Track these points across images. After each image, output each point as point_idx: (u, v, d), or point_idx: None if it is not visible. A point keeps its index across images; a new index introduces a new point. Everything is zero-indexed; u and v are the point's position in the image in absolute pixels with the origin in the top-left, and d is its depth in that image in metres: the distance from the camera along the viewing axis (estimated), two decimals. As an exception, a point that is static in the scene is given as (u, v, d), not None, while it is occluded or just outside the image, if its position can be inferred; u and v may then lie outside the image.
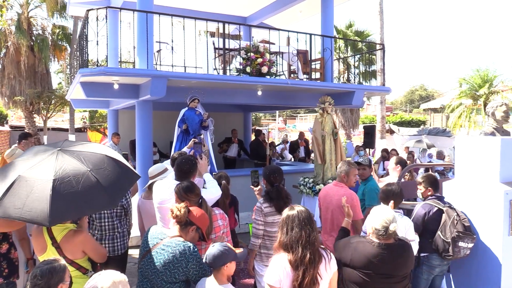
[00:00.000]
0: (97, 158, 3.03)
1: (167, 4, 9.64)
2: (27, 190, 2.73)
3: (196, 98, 6.92)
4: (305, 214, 2.74)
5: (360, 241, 3.06)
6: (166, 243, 2.79)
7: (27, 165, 2.93)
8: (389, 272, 2.94)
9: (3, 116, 25.23)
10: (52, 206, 2.64)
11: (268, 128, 17.15)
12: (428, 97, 50.70)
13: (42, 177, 2.78)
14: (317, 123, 7.30)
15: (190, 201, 3.12)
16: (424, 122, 31.28)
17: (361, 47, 18.17)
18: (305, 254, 2.59)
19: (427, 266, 4.00)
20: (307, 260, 2.58)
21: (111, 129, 11.05)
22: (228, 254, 2.67)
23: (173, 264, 2.71)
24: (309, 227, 2.69)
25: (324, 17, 8.93)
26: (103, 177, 2.89)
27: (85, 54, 6.85)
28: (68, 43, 19.57)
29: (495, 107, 4.36)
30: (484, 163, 4.02)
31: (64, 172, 2.80)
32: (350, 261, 3.00)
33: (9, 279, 3.57)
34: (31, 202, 2.68)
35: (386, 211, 3.04)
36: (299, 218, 2.70)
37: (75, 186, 2.75)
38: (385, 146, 13.78)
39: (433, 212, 3.95)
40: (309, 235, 2.65)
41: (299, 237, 2.64)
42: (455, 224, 3.82)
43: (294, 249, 2.62)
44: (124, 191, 3.27)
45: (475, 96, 20.68)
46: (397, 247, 2.98)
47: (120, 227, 4.07)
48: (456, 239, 3.77)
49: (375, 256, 2.91)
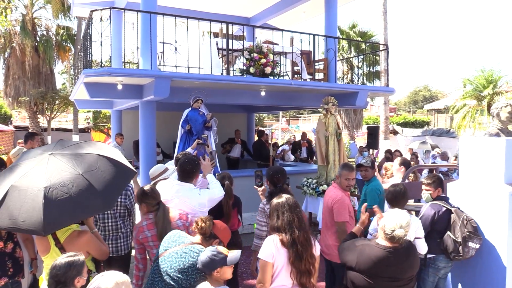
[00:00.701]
0: (89, 159, 2.98)
1: (171, 5, 9.65)
2: (20, 200, 2.71)
3: (199, 99, 6.93)
4: (293, 200, 2.99)
5: (366, 244, 3.04)
6: (189, 247, 2.79)
7: (18, 173, 2.89)
8: (396, 275, 2.93)
9: (8, 116, 25.36)
10: (45, 215, 2.61)
11: (271, 128, 17.11)
12: (432, 98, 50.52)
13: (33, 185, 2.75)
14: (321, 124, 7.29)
15: (147, 205, 3.30)
16: (428, 123, 31.19)
17: (365, 48, 18.14)
18: (299, 235, 2.81)
19: (433, 268, 3.98)
20: (302, 239, 2.81)
21: (114, 129, 11.07)
22: (217, 260, 2.62)
23: (191, 269, 2.71)
24: (299, 210, 2.94)
25: (328, 18, 8.91)
26: (95, 179, 2.84)
27: (89, 55, 6.87)
28: (72, 44, 19.66)
29: (500, 108, 4.34)
30: (488, 164, 4.00)
31: (56, 178, 2.76)
32: (356, 264, 2.98)
33: (14, 279, 3.57)
34: (25, 211, 2.66)
35: (400, 216, 3.00)
36: (288, 204, 2.93)
37: (67, 192, 2.72)
38: (389, 147, 13.74)
39: (442, 212, 3.93)
40: (301, 218, 2.90)
41: (291, 219, 2.86)
42: (465, 224, 3.81)
43: (287, 230, 2.83)
44: (120, 190, 3.23)
45: (480, 97, 20.59)
46: (403, 251, 2.97)
47: (124, 228, 4.07)
48: (466, 239, 3.77)
49: (381, 260, 2.90)
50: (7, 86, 18.33)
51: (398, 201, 3.80)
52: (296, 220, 2.87)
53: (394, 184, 3.98)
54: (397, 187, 3.89)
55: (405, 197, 3.86)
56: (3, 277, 3.48)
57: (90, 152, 3.06)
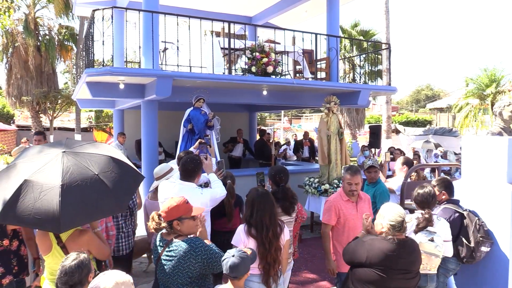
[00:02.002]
0: (102, 160, 2.98)
1: (173, 4, 9.65)
2: (35, 195, 2.69)
3: (201, 98, 6.93)
4: (269, 197, 3.20)
5: (374, 239, 3.05)
6: (168, 248, 2.77)
7: (32, 167, 2.87)
8: (406, 267, 2.94)
9: (10, 115, 25.43)
10: (62, 212, 2.61)
11: (273, 128, 17.12)
12: (434, 97, 50.40)
13: (49, 181, 2.74)
14: (323, 123, 7.28)
15: None
16: (430, 122, 31.12)
17: (367, 47, 18.09)
18: (268, 232, 3.06)
19: (443, 269, 3.93)
20: (270, 235, 3.06)
21: (116, 128, 11.09)
22: (247, 259, 2.59)
23: (182, 266, 2.69)
24: (272, 205, 3.17)
25: (330, 17, 8.90)
26: (110, 180, 2.86)
27: (91, 54, 6.88)
28: (74, 43, 19.70)
29: (503, 106, 4.32)
30: (491, 163, 3.99)
31: (72, 177, 2.76)
32: (366, 259, 2.96)
33: (19, 277, 3.58)
34: (39, 207, 2.65)
35: (396, 207, 3.06)
36: (263, 201, 3.15)
37: (83, 191, 2.72)
38: (391, 146, 13.71)
39: (454, 218, 3.85)
40: (272, 215, 3.13)
41: (263, 216, 3.09)
42: (477, 228, 3.78)
43: (258, 228, 3.07)
44: (131, 194, 3.24)
45: (482, 96, 20.52)
46: (409, 243, 3.02)
47: (125, 227, 4.08)
48: (479, 244, 3.75)
49: (392, 251, 2.90)
50: (9, 85, 18.39)
51: (428, 203, 3.66)
52: (267, 218, 3.10)
53: (421, 186, 3.80)
54: (425, 188, 3.72)
55: (435, 198, 3.75)
56: (8, 275, 3.49)
57: (102, 154, 3.07)
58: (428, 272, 3.57)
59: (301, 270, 5.79)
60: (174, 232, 2.81)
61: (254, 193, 3.23)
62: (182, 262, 2.69)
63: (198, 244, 2.73)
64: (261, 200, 3.16)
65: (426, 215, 3.52)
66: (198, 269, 2.71)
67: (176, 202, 2.80)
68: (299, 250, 6.51)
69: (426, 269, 3.50)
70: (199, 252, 2.70)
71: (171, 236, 2.81)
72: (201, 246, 2.73)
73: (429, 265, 3.47)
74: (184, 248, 2.70)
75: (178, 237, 2.80)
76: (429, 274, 3.59)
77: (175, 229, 2.79)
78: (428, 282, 3.61)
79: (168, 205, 2.80)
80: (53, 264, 2.92)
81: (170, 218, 2.77)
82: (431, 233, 3.46)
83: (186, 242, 2.73)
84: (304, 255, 6.36)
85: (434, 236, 3.44)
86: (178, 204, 2.79)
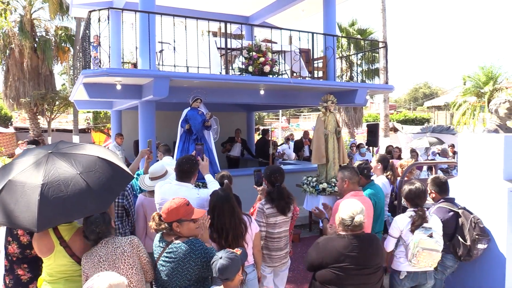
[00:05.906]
0: (88, 160, 2.98)
1: (169, 4, 9.64)
2: (16, 195, 2.71)
3: (198, 98, 6.92)
4: (225, 197, 3.17)
5: (327, 238, 3.08)
6: (167, 250, 2.75)
7: (17, 168, 2.90)
8: (362, 262, 2.91)
9: (8, 117, 25.37)
10: (40, 211, 2.61)
11: (271, 127, 17.09)
12: (432, 95, 50.43)
13: (31, 181, 2.75)
14: (320, 122, 7.28)
15: None
16: (428, 120, 31.16)
17: (364, 45, 18.11)
18: (228, 235, 3.07)
19: (441, 267, 3.95)
20: (230, 239, 3.06)
21: (114, 129, 11.08)
22: (236, 259, 2.52)
23: (181, 268, 2.68)
24: (233, 210, 3.15)
25: (327, 16, 8.91)
26: (93, 180, 2.84)
27: (87, 55, 6.87)
28: (71, 45, 19.63)
29: (499, 104, 4.34)
30: (487, 160, 4.00)
31: (53, 176, 2.76)
32: (323, 260, 2.96)
33: None
34: (20, 207, 2.66)
35: (354, 203, 3.04)
36: (227, 206, 3.13)
37: (63, 191, 2.71)
38: (389, 144, 13.73)
39: (448, 217, 3.86)
40: (234, 220, 3.12)
41: (224, 222, 3.08)
42: (473, 226, 3.79)
43: (220, 232, 3.08)
44: (115, 194, 3.22)
45: (480, 94, 20.56)
46: (366, 237, 3.00)
47: (122, 228, 4.05)
48: (476, 241, 3.75)
49: (345, 248, 2.91)
50: (7, 87, 18.32)
51: (420, 199, 3.67)
52: (227, 221, 3.09)
53: (410, 182, 3.81)
54: (415, 184, 3.73)
55: (425, 193, 3.75)
56: (35, 280, 3.43)
57: (89, 154, 3.06)
58: (428, 269, 3.58)
59: (299, 268, 5.79)
60: (174, 233, 2.80)
61: (214, 197, 3.20)
62: (181, 264, 2.68)
63: (198, 246, 2.72)
64: (220, 204, 3.13)
65: (419, 212, 3.53)
66: (197, 271, 2.70)
67: (176, 204, 2.79)
68: (297, 249, 6.54)
69: (427, 266, 3.51)
70: (199, 254, 2.69)
71: (171, 237, 2.80)
72: (201, 249, 2.72)
73: (431, 261, 3.47)
74: (183, 250, 2.69)
75: (178, 238, 2.79)
76: (428, 272, 3.61)
77: (175, 231, 2.79)
78: (427, 279, 3.62)
79: (168, 206, 2.79)
80: (55, 265, 2.89)
81: (169, 219, 2.77)
82: (428, 229, 3.47)
83: (186, 244, 2.72)
84: (303, 254, 6.37)
85: (432, 231, 3.45)
86: (178, 206, 2.77)
